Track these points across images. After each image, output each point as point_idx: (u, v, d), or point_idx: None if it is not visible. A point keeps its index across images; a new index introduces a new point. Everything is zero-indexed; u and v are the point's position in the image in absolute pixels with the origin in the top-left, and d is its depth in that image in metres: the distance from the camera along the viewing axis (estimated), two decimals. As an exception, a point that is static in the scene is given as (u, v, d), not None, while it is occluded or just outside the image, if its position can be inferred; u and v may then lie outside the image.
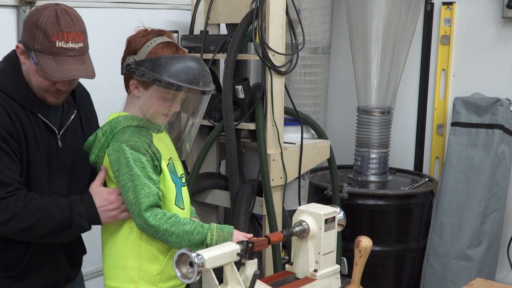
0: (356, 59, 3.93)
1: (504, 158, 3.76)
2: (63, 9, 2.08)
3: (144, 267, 2.15)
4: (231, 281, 1.83)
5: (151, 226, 2.05)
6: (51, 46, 2.03)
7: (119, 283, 2.18)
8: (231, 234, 2.10)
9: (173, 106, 2.16)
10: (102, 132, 2.15)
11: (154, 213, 2.05)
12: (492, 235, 3.76)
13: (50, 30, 2.03)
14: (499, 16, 3.86)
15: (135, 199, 2.05)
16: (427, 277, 3.84)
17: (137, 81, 2.13)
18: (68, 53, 2.06)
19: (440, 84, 4.12)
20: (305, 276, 2.04)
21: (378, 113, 3.88)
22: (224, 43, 3.07)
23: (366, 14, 3.79)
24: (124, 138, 2.09)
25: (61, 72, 2.04)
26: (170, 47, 2.13)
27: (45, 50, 2.04)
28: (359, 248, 2.06)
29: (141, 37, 2.15)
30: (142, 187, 2.05)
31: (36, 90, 2.14)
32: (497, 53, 3.90)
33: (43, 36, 2.03)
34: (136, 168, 2.06)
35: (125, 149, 2.08)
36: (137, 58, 2.12)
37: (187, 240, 2.07)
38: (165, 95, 2.11)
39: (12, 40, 2.87)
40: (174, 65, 2.07)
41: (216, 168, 3.30)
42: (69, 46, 2.06)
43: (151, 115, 2.16)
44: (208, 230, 2.09)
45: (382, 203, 3.71)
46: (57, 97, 2.17)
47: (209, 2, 3.18)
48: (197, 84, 2.08)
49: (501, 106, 3.74)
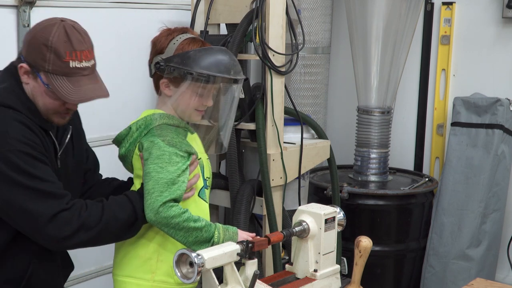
0: (356, 59, 3.93)
1: (504, 158, 3.76)
2: (71, 25, 1.99)
3: (163, 258, 2.15)
4: (231, 281, 1.83)
5: (163, 218, 2.02)
6: (65, 67, 1.94)
7: (135, 273, 2.17)
8: (236, 233, 2.13)
9: (206, 101, 2.16)
10: (137, 126, 2.14)
11: (169, 205, 2.03)
12: (492, 235, 3.76)
13: (62, 50, 1.94)
14: (499, 16, 3.86)
15: (153, 190, 2.03)
16: (427, 277, 3.84)
17: (168, 79, 2.14)
18: (83, 73, 1.98)
19: (440, 84, 4.12)
20: (305, 276, 2.04)
21: (378, 113, 3.88)
22: (224, 43, 3.07)
23: (366, 14, 3.79)
24: (162, 133, 2.09)
25: (78, 94, 1.97)
26: (196, 42, 2.16)
27: (58, 71, 1.95)
28: (359, 248, 2.06)
29: (166, 35, 2.18)
30: (166, 181, 2.03)
31: (42, 111, 2.05)
32: (497, 53, 3.90)
33: (54, 57, 1.94)
34: (166, 162, 2.04)
35: (159, 142, 2.07)
36: (164, 56, 2.13)
37: (195, 237, 2.07)
38: (197, 90, 2.11)
39: (12, 40, 2.87)
40: (203, 57, 2.09)
41: (216, 168, 3.30)
42: (83, 65, 1.98)
43: (185, 112, 2.16)
44: (215, 229, 2.10)
45: (382, 203, 3.70)
46: (64, 117, 2.10)
47: (209, 2, 3.18)
48: (228, 73, 2.11)
49: (501, 106, 3.74)
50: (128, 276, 2.20)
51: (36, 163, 1.95)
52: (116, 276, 2.24)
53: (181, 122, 2.17)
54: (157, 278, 2.16)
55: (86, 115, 2.49)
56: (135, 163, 2.18)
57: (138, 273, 2.17)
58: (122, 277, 2.22)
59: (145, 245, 2.17)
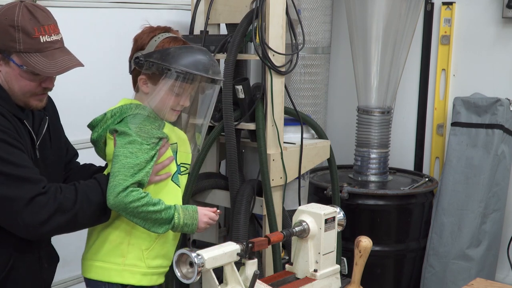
0: (356, 59, 3.93)
1: (504, 158, 3.76)
2: (31, 4, 2.00)
3: (134, 242, 2.16)
4: (231, 281, 1.83)
5: (121, 203, 2.02)
6: (36, 43, 1.96)
7: (106, 257, 2.17)
8: (196, 211, 2.15)
9: (183, 100, 2.16)
10: (111, 113, 2.16)
11: (130, 189, 2.04)
12: (492, 235, 3.76)
13: (30, 27, 1.95)
14: (499, 16, 3.86)
15: (118, 173, 2.04)
16: (427, 277, 3.84)
17: (146, 75, 2.14)
18: (54, 46, 2.00)
19: (440, 84, 4.12)
20: (305, 276, 2.04)
21: (378, 113, 3.88)
22: (224, 43, 3.07)
23: (366, 14, 3.78)
24: (135, 121, 2.10)
25: (56, 66, 1.98)
26: (177, 41, 2.16)
27: (31, 49, 1.96)
28: (359, 248, 2.06)
29: (148, 33, 2.18)
30: (132, 167, 2.04)
31: (19, 97, 2.04)
32: (497, 53, 3.90)
33: (23, 35, 1.95)
34: (137, 148, 2.06)
35: (132, 130, 2.08)
36: (145, 52, 2.13)
37: (154, 219, 2.08)
38: (175, 88, 2.11)
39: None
40: (183, 55, 2.09)
41: (216, 168, 3.30)
42: (53, 39, 2.00)
43: (161, 110, 2.16)
44: (175, 210, 2.12)
45: (382, 203, 3.71)
46: (42, 99, 2.09)
47: (209, 2, 3.18)
48: (207, 72, 2.10)
49: (501, 106, 3.74)
50: (99, 260, 2.19)
51: (11, 149, 1.93)
52: (87, 260, 2.23)
53: (156, 116, 2.17)
54: (127, 262, 2.16)
55: (86, 114, 2.49)
56: (107, 148, 2.19)
57: (109, 258, 2.17)
58: (92, 261, 2.21)
59: (116, 229, 2.17)
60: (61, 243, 3.22)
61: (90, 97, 3.11)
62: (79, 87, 3.16)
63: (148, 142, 2.09)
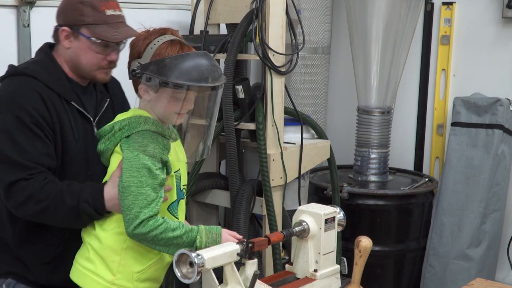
0: (356, 59, 3.93)
1: (504, 158, 3.76)
2: None
3: (125, 262, 2.11)
4: (231, 281, 1.83)
5: (141, 233, 2.00)
6: (102, 15, 2.21)
7: (97, 269, 2.12)
8: (220, 235, 2.07)
9: (186, 105, 2.12)
10: (120, 126, 2.10)
11: (146, 221, 2.00)
12: (492, 235, 3.76)
13: (96, 3, 2.21)
14: (499, 16, 3.86)
15: (133, 205, 2.00)
16: (427, 277, 3.84)
17: (146, 85, 2.10)
18: (119, 20, 2.27)
19: (440, 84, 4.12)
20: (305, 276, 2.05)
21: (378, 113, 3.88)
22: (224, 43, 3.07)
23: (366, 14, 3.78)
24: (143, 142, 2.05)
25: (120, 34, 2.23)
26: (174, 46, 2.08)
27: (98, 20, 2.21)
28: (359, 248, 2.07)
29: (143, 39, 2.10)
30: (146, 197, 2.00)
31: (86, 70, 2.28)
32: (497, 53, 3.90)
33: (91, 9, 2.20)
34: (146, 176, 2.02)
35: (140, 153, 2.03)
36: (142, 61, 2.07)
37: (176, 244, 2.03)
38: (176, 95, 2.06)
39: (12, 40, 2.87)
40: (179, 65, 2.02)
41: (216, 168, 3.30)
42: (117, 13, 2.27)
43: (165, 115, 2.13)
44: (197, 233, 2.06)
45: (382, 203, 3.71)
46: (107, 72, 2.32)
47: (209, 2, 3.18)
48: (206, 81, 2.03)
49: (501, 106, 3.74)
50: (91, 271, 2.14)
51: (26, 132, 2.14)
52: (78, 261, 2.19)
53: (164, 130, 2.13)
54: (116, 282, 2.10)
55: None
56: (112, 160, 2.15)
57: (99, 270, 2.12)
58: (84, 270, 2.15)
59: (108, 247, 2.12)
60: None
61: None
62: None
63: (156, 166, 2.04)
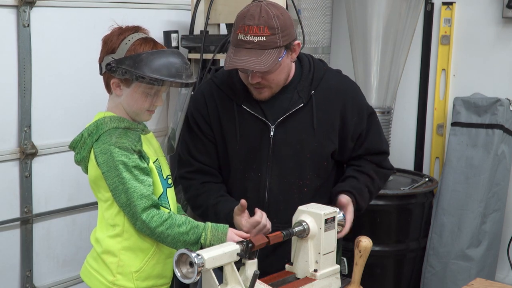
0: (356, 59, 3.93)
1: (504, 158, 3.76)
2: (264, 4, 2.18)
3: (123, 263, 2.13)
4: (231, 281, 1.83)
5: (148, 228, 2.06)
6: (234, 38, 2.19)
7: (100, 269, 2.17)
8: (225, 234, 2.10)
9: (157, 101, 2.15)
10: (88, 132, 2.11)
11: (151, 215, 2.05)
12: (492, 235, 3.76)
13: (237, 24, 2.19)
14: (499, 16, 3.86)
15: (129, 202, 2.05)
16: (427, 277, 3.84)
17: (119, 79, 2.11)
18: (245, 46, 2.15)
19: (440, 84, 4.12)
20: (305, 276, 2.04)
21: (378, 113, 3.87)
22: (224, 43, 3.07)
23: (366, 14, 3.79)
24: (112, 140, 2.07)
25: (230, 62, 2.18)
26: (148, 43, 2.11)
27: (232, 42, 2.22)
28: (359, 248, 2.07)
29: (118, 35, 2.12)
30: (134, 190, 2.04)
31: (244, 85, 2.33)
32: (497, 53, 3.90)
33: (233, 30, 2.22)
34: (125, 171, 2.05)
35: (112, 151, 2.06)
36: (116, 56, 2.08)
37: (183, 241, 2.07)
38: (148, 91, 2.09)
39: (12, 40, 2.87)
40: (155, 61, 2.05)
41: (216, 168, 3.29)
42: (247, 38, 2.15)
43: (135, 112, 2.14)
44: (203, 230, 2.09)
45: (382, 203, 3.70)
46: (259, 91, 2.28)
47: (209, 2, 3.18)
48: (180, 77, 2.07)
49: (501, 106, 3.74)
50: (96, 270, 2.18)
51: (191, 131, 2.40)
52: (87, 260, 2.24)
53: (132, 124, 2.15)
54: (117, 283, 2.14)
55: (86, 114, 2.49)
56: (89, 168, 2.16)
57: (102, 270, 2.16)
58: (91, 269, 2.20)
59: (107, 248, 2.15)
60: (61, 243, 3.23)
61: (90, 96, 3.11)
62: (79, 87, 3.16)
63: (131, 158, 2.06)
